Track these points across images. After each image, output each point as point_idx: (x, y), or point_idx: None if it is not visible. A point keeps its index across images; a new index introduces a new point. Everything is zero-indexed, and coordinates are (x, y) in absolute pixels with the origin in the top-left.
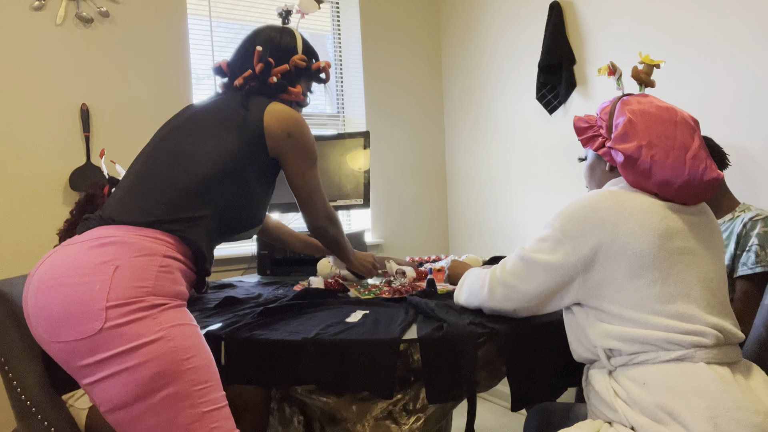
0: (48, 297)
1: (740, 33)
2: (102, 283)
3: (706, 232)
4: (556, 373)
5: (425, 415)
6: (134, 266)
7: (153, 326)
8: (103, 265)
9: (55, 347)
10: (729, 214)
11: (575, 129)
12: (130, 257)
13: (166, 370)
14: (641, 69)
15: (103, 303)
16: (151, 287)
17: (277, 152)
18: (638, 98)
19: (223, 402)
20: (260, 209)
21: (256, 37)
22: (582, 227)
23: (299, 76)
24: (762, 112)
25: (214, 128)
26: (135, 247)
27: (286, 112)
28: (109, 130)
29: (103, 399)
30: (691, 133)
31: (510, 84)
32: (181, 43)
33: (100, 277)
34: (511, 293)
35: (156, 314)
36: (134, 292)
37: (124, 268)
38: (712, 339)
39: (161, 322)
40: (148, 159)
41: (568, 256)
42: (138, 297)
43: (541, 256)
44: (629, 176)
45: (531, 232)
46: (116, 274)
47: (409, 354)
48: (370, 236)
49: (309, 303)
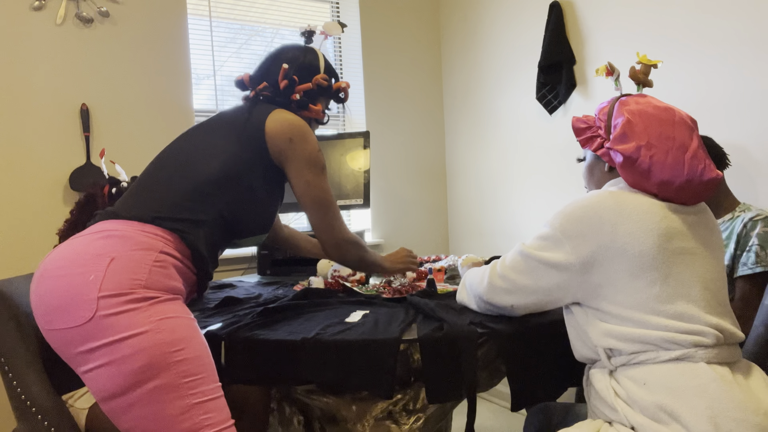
0: (47, 287)
1: (740, 33)
2: (96, 273)
3: (706, 232)
4: (556, 373)
5: (425, 415)
6: (130, 259)
7: (143, 318)
8: (100, 257)
9: (52, 335)
10: (729, 214)
11: (574, 130)
12: (127, 250)
13: (154, 362)
14: (639, 69)
15: (95, 293)
16: (144, 280)
17: (279, 158)
18: (636, 98)
19: (217, 393)
20: (265, 216)
21: (281, 55)
22: (582, 228)
23: (320, 95)
24: (762, 112)
25: (220, 133)
26: (133, 241)
27: (290, 118)
28: (109, 130)
29: (96, 388)
30: (690, 133)
31: (510, 84)
32: (181, 43)
33: (95, 268)
34: (510, 287)
35: (146, 307)
36: (127, 284)
37: (120, 260)
38: (712, 339)
39: (151, 315)
40: (159, 160)
41: (568, 255)
42: (130, 289)
43: (540, 253)
44: (628, 176)
45: (531, 232)
46: (111, 266)
47: (409, 354)
48: (370, 236)
49: (309, 303)
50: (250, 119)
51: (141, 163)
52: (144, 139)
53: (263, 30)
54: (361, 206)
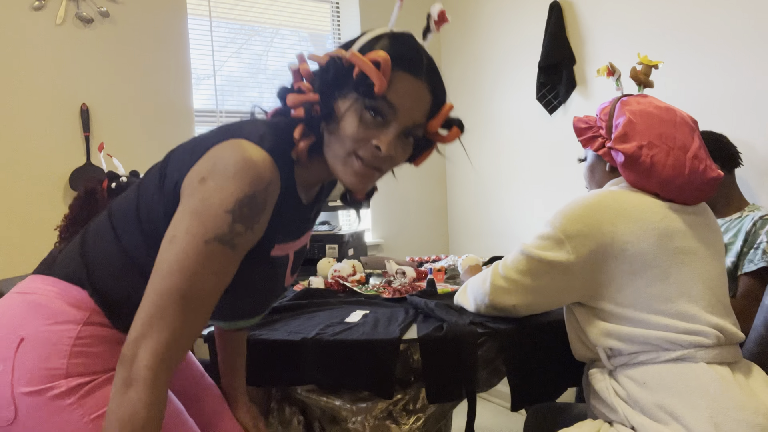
0: None
1: (742, 32)
2: (5, 362)
3: (707, 232)
4: (556, 373)
5: (425, 415)
6: (42, 340)
7: (74, 421)
8: (7, 337)
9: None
10: (738, 212)
11: (575, 130)
12: (40, 325)
13: None
14: (640, 70)
15: (9, 389)
16: (64, 369)
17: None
18: (637, 99)
19: None
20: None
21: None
22: (582, 227)
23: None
24: (765, 110)
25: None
26: (49, 311)
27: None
28: (109, 130)
29: None
30: (691, 133)
31: (510, 84)
32: (181, 43)
33: (3, 353)
34: (512, 287)
35: (76, 403)
36: (43, 377)
37: (30, 341)
38: (713, 339)
39: (84, 414)
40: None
41: (569, 255)
42: (50, 383)
43: (541, 252)
44: (630, 176)
45: (531, 232)
46: (20, 351)
47: (409, 354)
48: (370, 236)
49: (309, 303)
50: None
51: (141, 163)
52: (144, 139)
53: (263, 30)
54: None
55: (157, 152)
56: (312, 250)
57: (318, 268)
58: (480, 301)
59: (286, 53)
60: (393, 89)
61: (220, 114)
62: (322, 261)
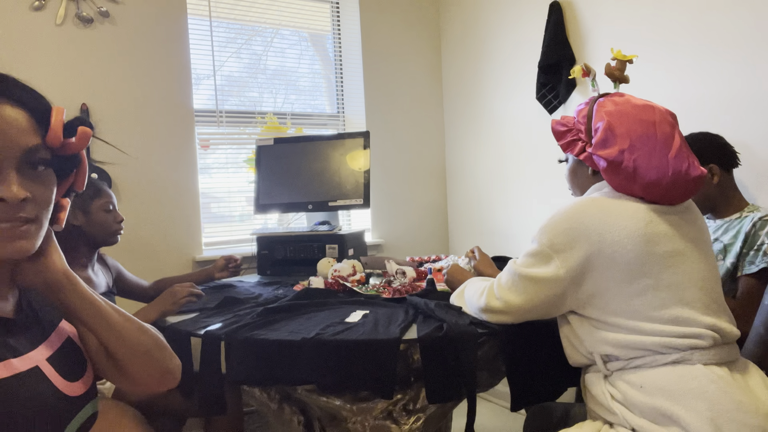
0: None
1: (742, 32)
2: None
3: (694, 230)
4: (556, 373)
5: (425, 415)
6: None
7: None
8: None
9: None
10: (737, 213)
11: (554, 133)
12: None
13: None
14: (614, 66)
15: None
16: None
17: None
18: (614, 99)
19: None
20: None
21: None
22: (568, 240)
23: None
24: (764, 111)
25: None
26: None
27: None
28: (109, 130)
29: None
30: (672, 131)
31: (510, 83)
32: (181, 43)
33: None
34: (506, 308)
35: None
36: None
37: None
38: (709, 340)
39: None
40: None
41: (558, 269)
42: None
43: (530, 270)
44: (614, 180)
45: (531, 232)
46: None
47: (409, 354)
48: (370, 236)
49: (309, 303)
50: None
51: (140, 163)
52: (144, 139)
53: (263, 30)
54: (361, 206)
55: (157, 152)
56: (312, 250)
57: (318, 268)
58: (474, 313)
59: (286, 53)
60: None
61: (220, 114)
62: (322, 261)
